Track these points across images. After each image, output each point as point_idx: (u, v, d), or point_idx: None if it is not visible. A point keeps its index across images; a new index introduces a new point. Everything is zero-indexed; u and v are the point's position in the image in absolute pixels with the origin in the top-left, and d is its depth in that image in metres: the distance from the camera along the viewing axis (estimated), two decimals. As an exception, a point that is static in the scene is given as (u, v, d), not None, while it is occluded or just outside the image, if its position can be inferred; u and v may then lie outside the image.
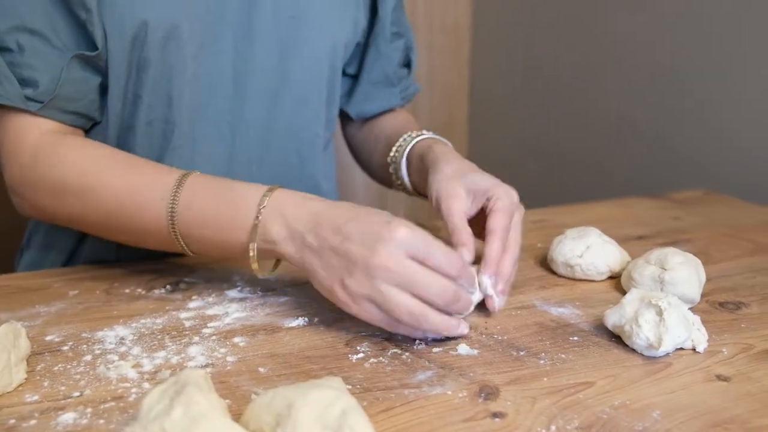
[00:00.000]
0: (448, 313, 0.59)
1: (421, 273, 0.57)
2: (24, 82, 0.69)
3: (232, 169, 0.82)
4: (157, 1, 0.72)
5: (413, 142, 0.83)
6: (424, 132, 0.84)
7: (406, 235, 0.57)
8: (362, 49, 0.95)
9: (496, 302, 0.64)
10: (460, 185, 0.70)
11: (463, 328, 0.60)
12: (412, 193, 0.86)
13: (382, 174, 0.92)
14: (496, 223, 0.67)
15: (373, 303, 0.57)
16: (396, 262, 0.56)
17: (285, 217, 0.61)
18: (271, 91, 0.83)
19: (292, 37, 0.83)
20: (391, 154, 0.85)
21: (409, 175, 0.84)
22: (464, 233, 0.67)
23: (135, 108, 0.76)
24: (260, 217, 0.61)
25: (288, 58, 0.83)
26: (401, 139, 0.84)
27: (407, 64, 0.99)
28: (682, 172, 1.36)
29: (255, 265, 0.63)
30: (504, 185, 0.70)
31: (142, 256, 0.80)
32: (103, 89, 0.74)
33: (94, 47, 0.70)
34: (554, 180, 1.76)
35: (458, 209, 0.69)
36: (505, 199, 0.69)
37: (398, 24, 0.95)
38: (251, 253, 0.62)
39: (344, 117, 0.99)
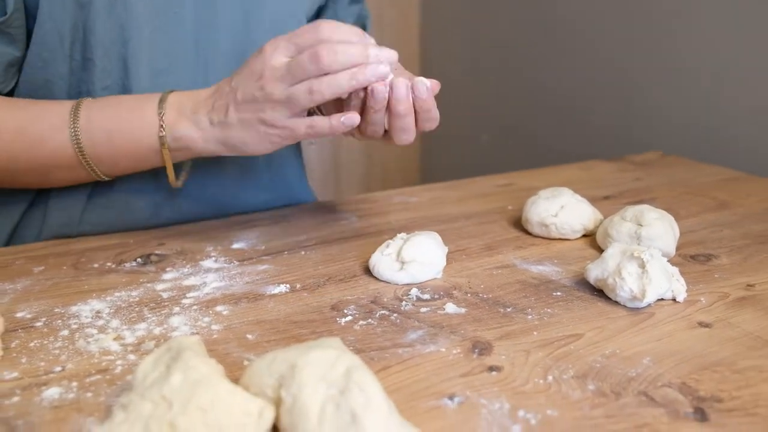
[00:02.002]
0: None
1: (301, 57, 0.59)
2: None
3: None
4: None
5: None
6: None
7: (272, 47, 0.60)
8: (317, 12, 0.94)
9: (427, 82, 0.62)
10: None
11: (351, 118, 0.61)
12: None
13: None
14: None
15: (295, 108, 0.60)
16: (281, 67, 0.59)
17: (186, 113, 0.65)
18: (235, 54, 0.80)
19: (256, 1, 0.80)
20: None
21: None
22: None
23: (87, 73, 0.73)
24: (164, 119, 0.65)
25: (252, 21, 0.81)
26: None
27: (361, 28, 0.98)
28: (631, 138, 1.39)
29: (169, 167, 0.67)
30: None
31: (106, 231, 0.77)
32: (15, 62, 0.71)
33: (4, 12, 0.67)
34: (506, 151, 1.78)
35: None
36: None
37: None
38: (164, 151, 0.66)
39: None
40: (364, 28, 0.98)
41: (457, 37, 1.93)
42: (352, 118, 0.61)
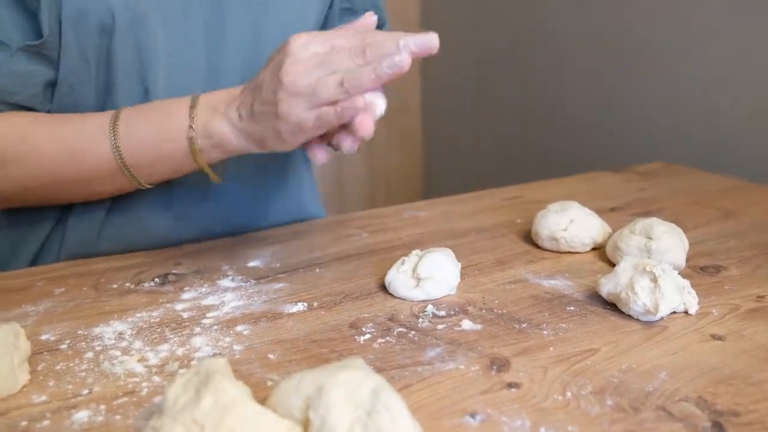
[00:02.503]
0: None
1: (330, 50, 0.59)
2: None
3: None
4: None
5: None
6: None
7: (298, 39, 0.60)
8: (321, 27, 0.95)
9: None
10: None
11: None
12: None
13: None
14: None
15: (315, 105, 0.59)
16: (305, 59, 0.59)
17: (218, 110, 0.66)
18: (245, 69, 0.82)
19: (264, 20, 0.82)
20: None
21: None
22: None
23: (111, 96, 0.74)
24: (195, 119, 0.66)
25: (260, 41, 0.82)
26: None
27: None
28: (636, 147, 1.40)
29: (206, 166, 0.68)
30: None
31: (123, 249, 0.78)
32: (53, 82, 0.72)
33: (41, 35, 0.69)
34: (509, 161, 1.79)
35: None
36: None
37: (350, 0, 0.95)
38: (197, 154, 0.67)
39: None
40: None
41: (458, 47, 1.94)
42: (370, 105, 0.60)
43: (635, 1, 1.35)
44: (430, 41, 0.59)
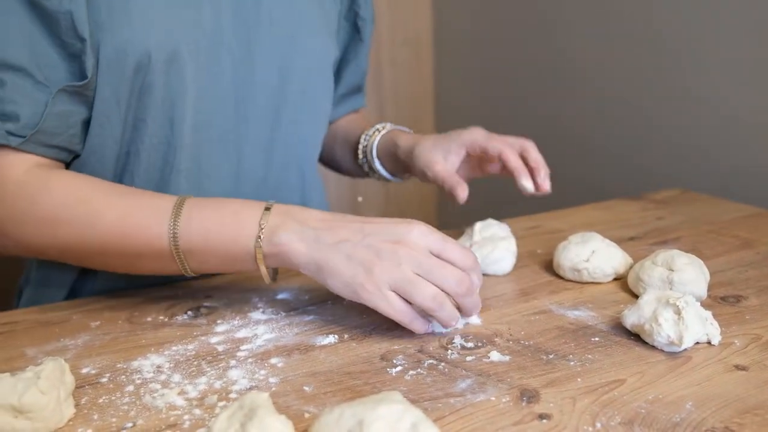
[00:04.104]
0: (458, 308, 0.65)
1: (442, 264, 0.63)
2: (5, 117, 0.67)
3: (238, 189, 0.84)
4: (159, 29, 0.73)
5: (379, 136, 0.95)
6: (387, 124, 0.96)
7: (425, 229, 0.64)
8: (339, 62, 0.99)
9: (547, 185, 0.84)
10: (438, 152, 0.87)
11: (461, 322, 0.67)
12: (385, 179, 0.99)
13: (348, 167, 1.04)
14: (495, 149, 0.85)
15: (397, 292, 0.62)
16: (421, 251, 0.62)
17: (293, 221, 0.65)
18: (272, 108, 0.85)
19: (289, 55, 0.85)
20: (360, 150, 0.96)
21: (383, 164, 0.97)
22: (454, 177, 0.84)
23: (137, 132, 0.76)
24: (265, 224, 0.65)
25: (286, 75, 0.85)
26: (365, 136, 0.96)
27: None
28: (651, 173, 1.42)
29: (263, 269, 0.66)
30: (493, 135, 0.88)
31: (154, 283, 0.80)
32: (87, 121, 0.74)
33: (83, 77, 0.69)
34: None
35: (442, 167, 0.86)
36: (495, 139, 0.86)
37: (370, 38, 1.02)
38: (259, 256, 0.65)
39: None
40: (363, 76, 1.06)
41: (471, 75, 1.97)
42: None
43: (651, 27, 1.37)
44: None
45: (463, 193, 0.83)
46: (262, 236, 0.65)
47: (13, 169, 0.69)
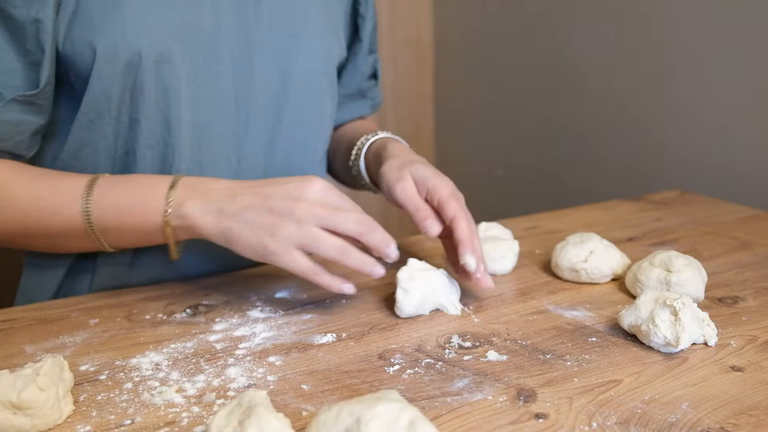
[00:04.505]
0: (369, 254, 0.67)
1: (338, 211, 0.66)
2: None
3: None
4: (152, 28, 0.73)
5: (368, 143, 0.90)
6: (380, 132, 0.91)
7: (323, 184, 0.67)
8: (340, 64, 0.99)
9: (487, 280, 0.71)
10: (407, 172, 0.76)
11: (379, 269, 0.67)
12: (376, 191, 0.93)
13: (345, 176, 1.00)
14: (452, 210, 0.72)
15: (302, 248, 0.65)
16: (318, 205, 0.65)
17: (198, 194, 0.68)
18: (273, 108, 0.84)
19: (291, 56, 0.85)
20: (352, 156, 0.92)
21: (369, 173, 0.90)
22: (426, 209, 0.74)
23: (133, 132, 0.76)
24: (172, 198, 0.68)
25: (288, 76, 0.85)
26: (359, 142, 0.92)
27: (374, 75, 1.05)
28: (650, 175, 1.42)
29: (172, 245, 0.70)
30: (441, 176, 0.76)
31: (154, 280, 0.80)
32: (39, 130, 0.74)
33: (36, 86, 0.71)
34: (520, 187, 1.81)
35: (413, 191, 0.75)
36: (447, 187, 0.74)
37: (372, 40, 1.01)
38: (168, 231, 0.68)
39: None
40: (375, 71, 1.05)
41: (471, 75, 1.97)
42: (351, 288, 0.68)
43: (651, 29, 1.37)
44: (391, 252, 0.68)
45: (432, 228, 0.72)
46: (169, 210, 0.68)
47: None
